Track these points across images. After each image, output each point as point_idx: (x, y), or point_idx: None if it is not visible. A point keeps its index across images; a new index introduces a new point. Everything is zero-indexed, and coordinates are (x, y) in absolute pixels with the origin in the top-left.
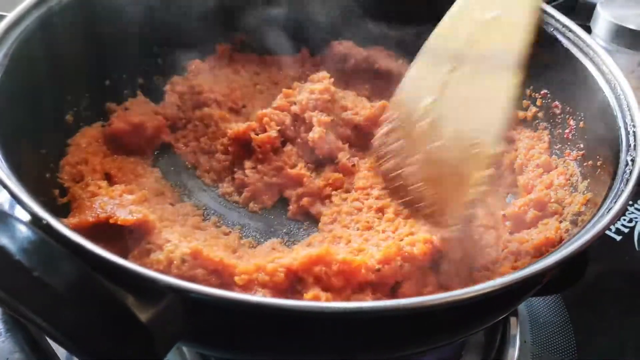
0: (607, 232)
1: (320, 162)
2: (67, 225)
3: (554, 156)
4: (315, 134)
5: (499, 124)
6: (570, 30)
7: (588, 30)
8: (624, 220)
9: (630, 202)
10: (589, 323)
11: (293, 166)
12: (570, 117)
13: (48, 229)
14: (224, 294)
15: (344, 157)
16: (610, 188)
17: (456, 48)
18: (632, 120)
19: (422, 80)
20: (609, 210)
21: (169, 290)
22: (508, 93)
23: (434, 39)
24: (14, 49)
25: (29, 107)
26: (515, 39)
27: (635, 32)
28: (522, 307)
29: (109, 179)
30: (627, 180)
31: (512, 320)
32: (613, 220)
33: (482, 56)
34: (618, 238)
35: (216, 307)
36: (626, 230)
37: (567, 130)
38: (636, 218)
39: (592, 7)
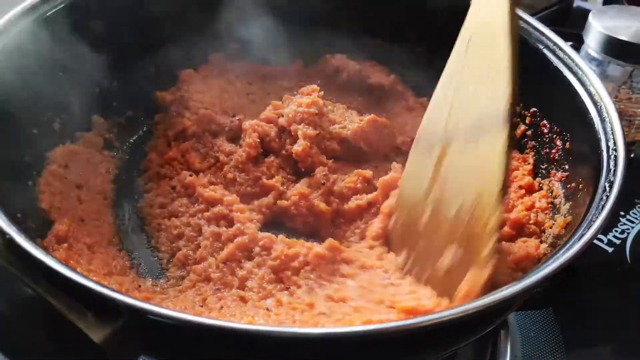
0: (599, 243)
1: (302, 174)
2: (33, 241)
3: (538, 178)
4: (298, 147)
5: (497, 182)
6: (560, 49)
7: (580, 39)
8: (616, 232)
9: (622, 213)
10: (580, 336)
11: (271, 177)
12: (558, 137)
13: (11, 243)
14: (181, 315)
15: (320, 172)
16: (585, 214)
17: (441, 130)
18: (614, 143)
19: (416, 174)
20: (581, 237)
21: (126, 310)
22: (501, 150)
23: (421, 130)
24: (3, 51)
25: (14, 112)
26: (499, 99)
27: (627, 43)
28: (512, 321)
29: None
30: (603, 207)
31: (502, 333)
32: (582, 250)
33: (468, 127)
34: (610, 250)
35: (173, 328)
36: (618, 242)
37: (553, 151)
38: (628, 230)
39: (586, 14)
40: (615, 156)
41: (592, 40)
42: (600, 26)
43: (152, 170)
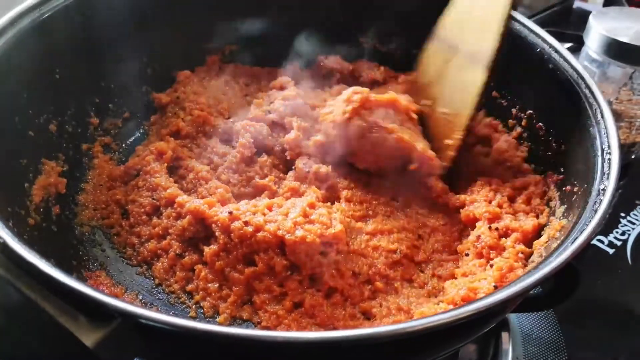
0: (600, 245)
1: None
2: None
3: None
4: (291, 135)
5: (470, 105)
6: (556, 51)
7: (580, 41)
8: (617, 233)
9: (623, 215)
10: (581, 338)
11: (264, 177)
12: (553, 140)
13: (4, 247)
14: (172, 320)
15: (299, 162)
16: (579, 218)
17: (454, 41)
18: (609, 147)
19: (432, 57)
20: (574, 241)
21: (118, 315)
22: (478, 84)
23: (442, 29)
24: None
25: (9, 114)
26: (488, 44)
27: (627, 45)
28: (514, 322)
29: None
30: (596, 211)
31: (504, 335)
32: (575, 253)
33: (468, 52)
34: (611, 251)
35: (165, 332)
36: (619, 243)
37: (549, 153)
38: (629, 231)
39: (586, 15)
40: (610, 159)
41: (593, 41)
42: (600, 28)
43: None
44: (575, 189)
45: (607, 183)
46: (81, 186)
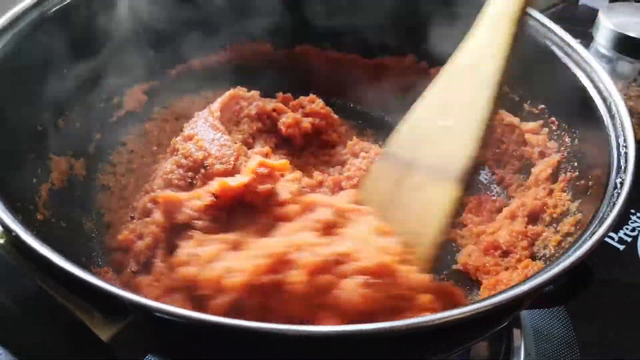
0: (610, 241)
1: None
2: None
3: None
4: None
5: (433, 233)
6: (569, 45)
7: (589, 37)
8: (627, 229)
9: (633, 211)
10: (593, 334)
11: None
12: (566, 134)
13: (17, 240)
14: (188, 313)
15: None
16: (596, 211)
17: (409, 156)
18: (624, 140)
19: (378, 180)
20: (593, 234)
21: (133, 308)
22: (445, 205)
23: (394, 141)
24: (5, 50)
25: (17, 109)
26: (460, 153)
27: (637, 40)
28: (525, 319)
29: None
30: (614, 205)
31: (516, 332)
32: (594, 247)
33: (429, 166)
34: (621, 247)
35: (180, 326)
36: (629, 239)
37: (562, 148)
38: (639, 227)
39: (594, 13)
40: (626, 153)
41: (602, 37)
42: (610, 23)
43: None
44: (591, 183)
45: (624, 176)
46: None
